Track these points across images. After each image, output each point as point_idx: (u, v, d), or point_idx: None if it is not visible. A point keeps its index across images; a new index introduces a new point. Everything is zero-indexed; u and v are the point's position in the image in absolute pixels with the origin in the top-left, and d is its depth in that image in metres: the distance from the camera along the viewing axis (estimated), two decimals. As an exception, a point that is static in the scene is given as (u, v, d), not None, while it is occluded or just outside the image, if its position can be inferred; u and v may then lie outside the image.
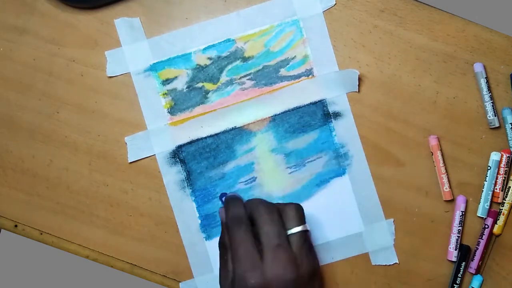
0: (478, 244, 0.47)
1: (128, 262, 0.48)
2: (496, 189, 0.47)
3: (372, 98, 0.48)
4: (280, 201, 0.48)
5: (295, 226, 0.40)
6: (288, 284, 0.37)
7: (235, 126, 0.48)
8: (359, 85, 0.48)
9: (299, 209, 0.41)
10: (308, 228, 0.41)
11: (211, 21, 0.48)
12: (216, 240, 0.48)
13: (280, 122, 0.48)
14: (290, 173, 0.48)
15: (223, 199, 0.45)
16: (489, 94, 0.47)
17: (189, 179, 0.48)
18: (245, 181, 0.48)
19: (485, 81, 0.47)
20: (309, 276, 0.39)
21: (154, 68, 0.48)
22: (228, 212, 0.41)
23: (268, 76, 0.48)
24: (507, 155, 0.47)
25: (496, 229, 0.47)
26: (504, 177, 0.47)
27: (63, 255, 0.50)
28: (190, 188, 0.48)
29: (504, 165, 0.47)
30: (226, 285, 0.40)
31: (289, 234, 0.39)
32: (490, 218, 0.47)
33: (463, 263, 0.47)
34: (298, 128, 0.48)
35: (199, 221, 0.48)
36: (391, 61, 0.48)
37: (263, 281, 0.37)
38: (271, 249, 0.38)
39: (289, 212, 0.40)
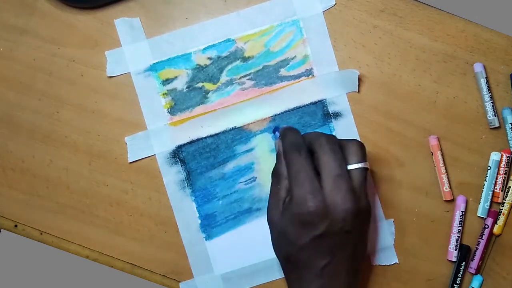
0: (478, 244, 0.47)
1: (128, 262, 0.48)
2: (496, 189, 0.47)
3: (372, 98, 0.48)
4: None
5: (357, 162, 0.39)
6: (346, 214, 0.37)
7: (235, 126, 0.48)
8: (359, 85, 0.48)
9: (362, 146, 0.40)
10: (368, 166, 0.40)
11: (211, 21, 0.48)
12: (216, 240, 0.48)
13: (280, 122, 0.48)
14: (290, 173, 0.48)
15: (278, 131, 0.44)
16: (489, 94, 0.47)
17: (189, 179, 0.48)
18: (245, 181, 0.48)
19: (485, 81, 0.47)
20: (366, 212, 0.39)
21: (154, 68, 0.48)
22: (285, 139, 0.41)
23: (268, 76, 0.48)
24: (507, 155, 0.47)
25: (496, 229, 0.47)
26: (504, 177, 0.47)
27: (63, 255, 0.50)
28: (190, 188, 0.48)
29: (504, 165, 0.47)
30: (276, 213, 0.39)
31: (350, 169, 0.39)
32: (490, 218, 0.47)
33: (463, 263, 0.47)
34: (298, 128, 0.48)
35: (199, 221, 0.48)
36: (391, 61, 0.48)
37: (323, 205, 0.36)
38: (332, 178, 0.37)
39: (351, 147, 0.40)
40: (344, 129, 0.48)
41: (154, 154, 0.48)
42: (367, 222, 0.41)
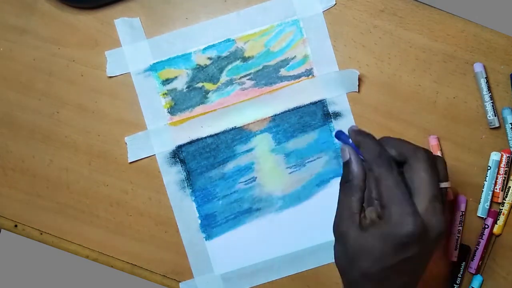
0: (478, 244, 0.47)
1: (128, 262, 0.48)
2: (496, 189, 0.47)
3: (372, 98, 0.48)
4: (280, 201, 0.48)
5: (444, 181, 0.38)
6: (439, 237, 0.36)
7: (235, 126, 0.48)
8: (359, 85, 0.48)
9: (446, 164, 0.39)
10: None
11: (211, 21, 0.48)
12: (216, 240, 0.48)
13: (280, 122, 0.48)
14: (290, 173, 0.48)
15: (343, 136, 0.41)
16: (489, 94, 0.47)
17: (189, 179, 0.48)
18: (245, 181, 0.48)
19: (485, 81, 0.47)
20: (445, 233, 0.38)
21: (154, 68, 0.48)
22: (368, 150, 0.38)
23: (268, 76, 0.48)
24: (507, 155, 0.47)
25: (496, 229, 0.47)
26: (504, 177, 0.47)
27: (63, 255, 0.50)
28: (190, 188, 0.48)
29: (504, 165, 0.47)
30: (349, 226, 0.37)
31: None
32: (490, 218, 0.47)
33: (463, 263, 0.47)
34: (298, 128, 0.48)
35: (199, 221, 0.48)
36: (391, 61, 0.48)
37: (422, 227, 0.34)
38: (428, 198, 0.35)
39: (440, 165, 0.39)
40: (344, 129, 0.48)
41: (154, 154, 0.48)
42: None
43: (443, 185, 0.38)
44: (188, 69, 0.48)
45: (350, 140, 0.40)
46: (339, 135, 0.41)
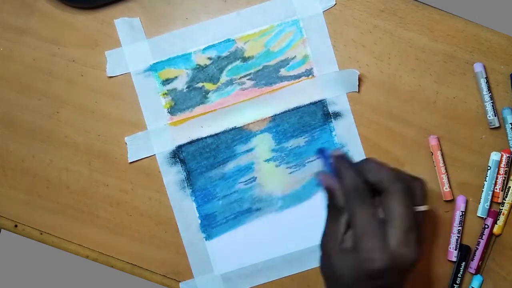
0: (478, 244, 0.47)
1: (128, 262, 0.48)
2: (496, 189, 0.47)
3: (372, 98, 0.48)
4: (280, 201, 0.48)
5: (421, 204, 0.38)
6: (412, 264, 0.36)
7: (235, 126, 0.48)
8: (359, 85, 0.48)
9: (425, 186, 0.39)
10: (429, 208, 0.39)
11: (211, 21, 0.48)
12: (216, 240, 0.48)
13: (280, 122, 0.48)
14: (290, 173, 0.48)
15: (326, 155, 0.42)
16: (489, 94, 0.47)
17: (189, 179, 0.48)
18: (245, 181, 0.48)
19: (485, 81, 0.47)
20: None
21: (154, 68, 0.48)
22: (344, 180, 0.38)
23: (268, 76, 0.48)
24: (507, 155, 0.47)
25: (496, 229, 0.47)
26: (504, 177, 0.47)
27: (63, 255, 0.50)
28: (190, 188, 0.48)
29: (504, 165, 0.47)
30: (333, 246, 0.38)
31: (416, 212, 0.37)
32: (490, 218, 0.47)
33: (463, 263, 0.47)
34: (298, 128, 0.48)
35: (199, 221, 0.48)
36: (391, 61, 0.48)
37: (391, 261, 0.35)
38: (402, 230, 0.36)
39: (417, 187, 0.39)
40: (344, 129, 0.48)
41: (154, 154, 0.48)
42: None
43: (420, 208, 0.38)
44: (188, 69, 0.48)
45: (331, 161, 0.40)
46: (321, 152, 0.42)
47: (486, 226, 0.47)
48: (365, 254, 0.35)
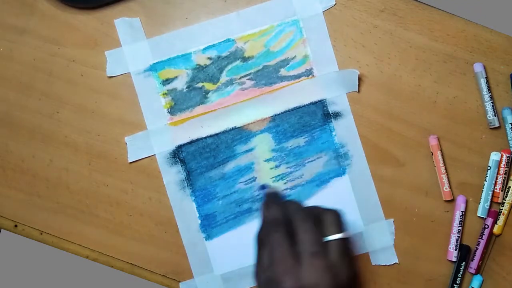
0: (478, 244, 0.47)
1: (128, 262, 0.48)
2: (496, 189, 0.47)
3: (372, 98, 0.48)
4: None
5: (334, 233, 0.39)
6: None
7: (235, 126, 0.48)
8: (359, 85, 0.48)
9: (339, 216, 0.40)
10: (348, 235, 0.40)
11: (211, 21, 0.48)
12: (216, 240, 0.48)
13: (280, 122, 0.48)
14: (290, 173, 0.48)
15: (263, 193, 0.46)
16: (489, 94, 0.47)
17: (189, 179, 0.48)
18: (245, 181, 0.48)
19: (485, 81, 0.47)
20: (347, 285, 0.39)
21: (154, 68, 0.48)
22: (266, 212, 0.41)
23: (268, 76, 0.48)
24: (507, 155, 0.47)
25: (496, 229, 0.47)
26: (504, 177, 0.47)
27: (63, 255, 0.50)
28: (190, 188, 0.48)
29: (504, 165, 0.47)
30: (261, 280, 0.39)
31: (327, 241, 0.39)
32: (490, 218, 0.47)
33: (463, 263, 0.47)
34: (298, 128, 0.48)
35: (199, 221, 0.48)
36: (391, 61, 0.48)
37: (299, 285, 0.36)
38: (307, 257, 0.37)
39: (327, 218, 0.40)
40: (344, 129, 0.48)
41: (154, 154, 0.48)
42: None
43: (329, 238, 0.39)
44: (188, 69, 0.48)
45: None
46: (262, 188, 0.48)
47: (486, 226, 0.47)
48: (275, 277, 0.37)
